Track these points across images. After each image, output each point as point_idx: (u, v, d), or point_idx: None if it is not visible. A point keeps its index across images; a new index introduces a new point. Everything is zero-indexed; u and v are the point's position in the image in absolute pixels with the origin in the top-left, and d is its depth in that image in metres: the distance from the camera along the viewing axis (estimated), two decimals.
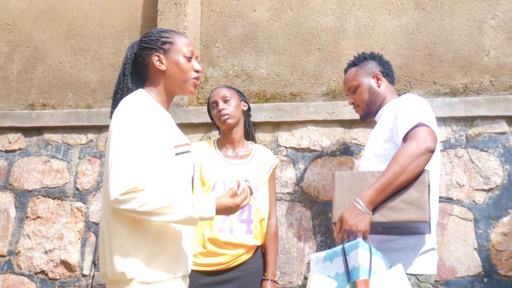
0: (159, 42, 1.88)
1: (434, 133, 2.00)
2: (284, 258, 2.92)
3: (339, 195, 1.99)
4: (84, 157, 3.43)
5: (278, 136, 3.08)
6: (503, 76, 2.87)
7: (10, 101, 3.82)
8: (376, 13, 3.11)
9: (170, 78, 1.88)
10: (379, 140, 2.18)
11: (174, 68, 1.88)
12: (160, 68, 1.87)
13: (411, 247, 2.03)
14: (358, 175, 2.01)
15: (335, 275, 1.85)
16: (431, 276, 2.05)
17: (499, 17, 2.91)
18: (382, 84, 2.35)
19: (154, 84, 1.89)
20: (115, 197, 1.60)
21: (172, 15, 3.34)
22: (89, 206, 3.33)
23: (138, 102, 1.76)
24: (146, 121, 1.71)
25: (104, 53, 3.64)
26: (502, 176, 2.69)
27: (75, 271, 3.26)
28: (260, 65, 3.29)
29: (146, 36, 1.92)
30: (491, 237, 2.65)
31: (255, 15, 3.35)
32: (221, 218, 2.36)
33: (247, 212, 2.41)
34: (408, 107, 2.09)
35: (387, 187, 1.89)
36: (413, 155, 1.90)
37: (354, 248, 1.81)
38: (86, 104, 3.63)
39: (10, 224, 3.47)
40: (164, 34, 1.90)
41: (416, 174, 1.91)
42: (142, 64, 1.89)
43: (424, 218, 1.85)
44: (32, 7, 3.86)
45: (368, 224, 1.88)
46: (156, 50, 1.87)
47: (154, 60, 1.86)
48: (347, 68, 2.47)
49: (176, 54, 1.88)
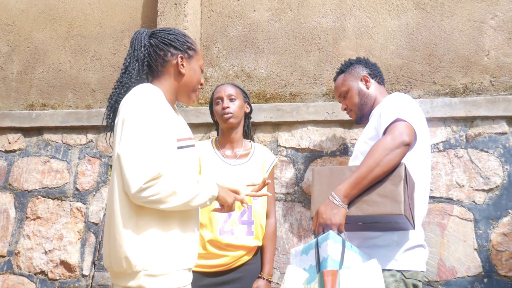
0: (185, 46, 1.90)
1: (412, 128, 2.01)
2: (284, 259, 2.92)
3: (317, 190, 2.01)
4: (84, 157, 3.43)
5: (278, 136, 3.08)
6: (503, 76, 2.87)
7: (9, 101, 3.82)
8: (376, 13, 3.11)
9: (184, 83, 1.90)
10: (365, 138, 2.21)
11: (191, 75, 1.91)
12: (181, 71, 1.88)
13: (395, 243, 2.03)
14: (335, 170, 2.03)
15: (309, 267, 1.87)
16: (418, 272, 2.05)
17: (499, 18, 2.91)
18: (371, 85, 2.39)
19: (166, 83, 1.88)
20: (139, 186, 1.61)
21: (172, 15, 3.34)
22: (89, 207, 3.33)
23: (150, 94, 1.76)
24: (158, 113, 1.72)
25: (104, 53, 3.64)
26: (502, 177, 2.69)
27: (75, 272, 3.26)
28: (260, 65, 3.29)
29: (168, 33, 1.91)
30: (491, 237, 2.65)
31: (255, 15, 3.35)
32: (222, 220, 2.35)
33: (248, 214, 2.40)
34: (390, 104, 2.13)
35: (361, 180, 1.91)
36: (387, 149, 1.92)
37: (324, 240, 1.83)
38: (85, 105, 3.62)
39: (10, 224, 3.46)
40: (189, 40, 1.93)
41: (390, 168, 1.91)
42: (159, 58, 1.88)
43: (399, 211, 1.85)
44: (32, 7, 3.86)
45: (343, 218, 1.90)
46: (181, 52, 1.89)
47: (178, 61, 1.87)
48: (336, 76, 2.53)
49: (196, 62, 1.93)
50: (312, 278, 1.82)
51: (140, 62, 1.86)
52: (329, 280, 1.72)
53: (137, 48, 1.88)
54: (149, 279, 1.67)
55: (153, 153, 1.65)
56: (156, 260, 1.69)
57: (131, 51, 1.89)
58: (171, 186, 1.66)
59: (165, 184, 1.65)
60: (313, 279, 1.81)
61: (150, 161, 1.64)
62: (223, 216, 2.34)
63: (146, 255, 1.68)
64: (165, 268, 1.70)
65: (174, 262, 1.73)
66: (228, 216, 2.35)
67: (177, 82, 1.89)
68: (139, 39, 1.89)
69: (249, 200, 2.37)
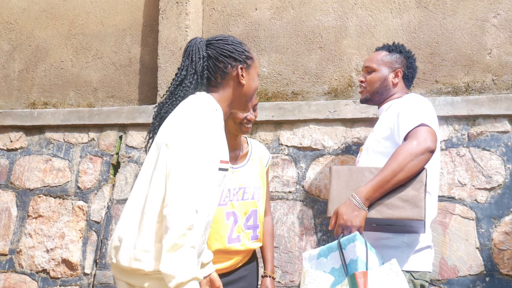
0: (243, 56, 1.85)
1: (435, 134, 2.00)
2: (285, 257, 2.92)
3: (335, 190, 1.99)
4: (85, 156, 3.43)
5: (279, 135, 3.08)
6: (505, 75, 2.86)
7: (11, 100, 3.82)
8: (378, 12, 3.10)
9: (244, 93, 1.85)
10: (378, 137, 2.18)
11: (250, 84, 1.86)
12: (241, 81, 1.83)
13: (405, 245, 2.04)
14: (355, 170, 2.01)
15: (330, 270, 1.85)
16: (426, 273, 2.06)
17: (501, 16, 2.90)
18: (398, 83, 2.35)
19: (224, 94, 1.82)
20: (182, 232, 1.56)
21: (173, 13, 3.34)
22: (90, 205, 3.33)
23: (206, 111, 1.70)
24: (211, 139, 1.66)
25: (105, 52, 3.64)
26: (504, 175, 2.69)
27: (77, 270, 3.26)
28: (261, 64, 3.29)
29: (226, 43, 1.85)
30: (493, 236, 2.65)
31: (257, 13, 3.34)
32: (229, 228, 2.29)
33: (253, 218, 2.35)
34: (411, 107, 2.09)
35: (385, 184, 1.90)
36: (413, 154, 1.90)
37: (351, 241, 1.82)
38: (87, 103, 3.62)
39: (12, 223, 3.47)
40: (246, 48, 1.87)
41: (414, 173, 1.91)
42: (219, 71, 1.81)
43: (419, 217, 1.86)
44: (34, 6, 3.86)
45: (363, 220, 1.89)
46: (241, 62, 1.84)
47: (239, 72, 1.82)
48: (380, 48, 2.47)
49: (254, 71, 1.89)
50: (338, 281, 1.80)
51: (198, 75, 1.79)
52: (362, 281, 1.71)
53: (195, 60, 1.80)
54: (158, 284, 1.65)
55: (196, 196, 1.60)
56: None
57: (188, 63, 1.81)
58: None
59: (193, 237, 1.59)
60: (339, 281, 1.79)
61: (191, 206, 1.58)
62: (230, 223, 2.30)
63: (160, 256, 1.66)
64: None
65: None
66: (234, 223, 2.30)
67: (236, 92, 1.84)
68: (196, 49, 1.81)
69: (254, 204, 2.34)
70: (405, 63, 2.39)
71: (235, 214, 2.27)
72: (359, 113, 2.93)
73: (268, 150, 3.05)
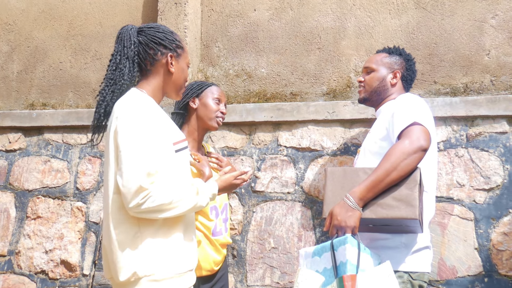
0: (174, 44, 1.88)
1: (428, 133, 2.00)
2: (284, 258, 2.92)
3: (330, 191, 2.00)
4: (84, 156, 3.43)
5: (278, 136, 3.08)
6: (503, 75, 2.87)
7: (10, 100, 3.82)
8: (377, 13, 3.11)
9: (173, 81, 1.90)
10: (375, 137, 2.19)
11: (179, 73, 1.90)
12: (170, 69, 1.86)
13: (403, 245, 2.04)
14: (350, 171, 2.02)
15: (323, 270, 1.86)
16: (424, 273, 2.06)
17: (499, 17, 2.90)
18: (396, 83, 2.36)
19: (154, 81, 1.87)
20: (136, 202, 1.61)
21: (172, 14, 3.34)
22: (89, 206, 3.33)
23: (140, 102, 1.75)
24: (151, 121, 1.72)
25: (104, 53, 3.64)
26: (503, 176, 2.69)
27: (76, 271, 3.26)
28: (260, 64, 3.29)
29: (157, 31, 1.88)
30: (491, 236, 2.65)
31: (256, 14, 3.35)
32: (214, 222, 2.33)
33: (225, 212, 2.41)
34: (405, 106, 2.10)
35: (378, 184, 1.90)
36: (405, 153, 1.91)
37: (342, 244, 1.82)
38: (86, 104, 3.62)
39: (10, 224, 3.47)
40: (177, 38, 1.90)
41: (407, 172, 1.91)
42: (149, 57, 1.85)
43: (414, 216, 1.85)
44: (32, 7, 3.86)
45: (358, 220, 1.89)
46: (171, 50, 1.87)
47: (168, 60, 1.86)
48: (380, 50, 2.49)
49: (184, 60, 1.92)
50: (328, 282, 1.80)
51: (130, 60, 1.83)
52: (349, 285, 1.72)
53: (127, 45, 1.85)
54: (153, 284, 1.67)
55: (145, 166, 1.64)
56: (159, 265, 1.69)
57: (120, 48, 1.85)
58: (168, 195, 1.66)
59: (160, 194, 1.64)
60: (329, 282, 1.80)
61: (141, 173, 1.63)
62: (213, 217, 2.33)
63: (148, 261, 1.68)
64: (168, 272, 1.70)
65: (176, 266, 1.73)
66: (215, 217, 2.34)
67: (165, 80, 1.88)
68: (127, 35, 1.85)
69: (226, 198, 2.42)
70: (404, 65, 2.40)
71: (216, 208, 2.33)
72: (357, 114, 2.93)
73: (267, 151, 3.07)
